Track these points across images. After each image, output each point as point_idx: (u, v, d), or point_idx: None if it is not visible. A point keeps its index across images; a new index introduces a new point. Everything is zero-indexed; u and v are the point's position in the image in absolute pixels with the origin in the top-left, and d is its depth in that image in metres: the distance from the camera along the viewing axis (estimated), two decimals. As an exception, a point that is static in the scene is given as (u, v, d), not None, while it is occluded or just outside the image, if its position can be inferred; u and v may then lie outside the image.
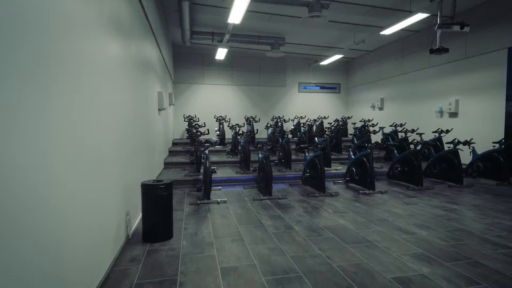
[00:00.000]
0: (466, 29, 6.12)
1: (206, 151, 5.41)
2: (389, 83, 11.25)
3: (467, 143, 6.44)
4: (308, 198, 5.31)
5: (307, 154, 6.35)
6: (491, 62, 7.38)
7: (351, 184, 6.36)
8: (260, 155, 5.90)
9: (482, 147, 6.82)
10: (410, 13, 7.36)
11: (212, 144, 6.07)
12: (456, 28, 6.11)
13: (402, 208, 4.67)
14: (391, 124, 10.00)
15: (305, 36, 10.41)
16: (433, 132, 8.12)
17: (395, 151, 6.81)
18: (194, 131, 7.65)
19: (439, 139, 7.94)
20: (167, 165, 7.65)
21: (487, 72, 7.49)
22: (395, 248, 3.17)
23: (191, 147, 8.93)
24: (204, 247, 3.21)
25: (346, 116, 12.23)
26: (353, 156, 6.40)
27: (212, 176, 5.36)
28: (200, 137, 7.28)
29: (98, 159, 2.52)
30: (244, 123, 10.28)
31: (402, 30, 8.98)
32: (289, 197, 5.39)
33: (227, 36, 9.31)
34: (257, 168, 5.95)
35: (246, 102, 13.25)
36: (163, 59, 7.93)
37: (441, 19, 6.63)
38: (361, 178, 6.00)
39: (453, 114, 8.48)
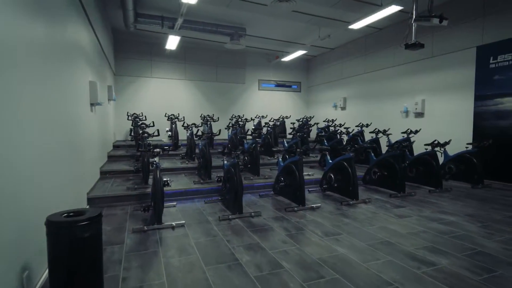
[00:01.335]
0: (445, 22, 5.71)
1: (156, 159, 4.15)
2: (352, 82, 10.89)
3: (446, 144, 6.10)
4: (286, 215, 4.34)
5: (280, 158, 5.42)
6: (459, 61, 7.21)
7: (329, 192, 5.59)
8: (225, 162, 4.79)
9: (449, 148, 6.56)
10: (381, 6, 6.89)
11: (165, 149, 4.79)
12: (435, 21, 5.66)
13: (398, 223, 3.96)
14: (357, 124, 9.58)
15: (268, 29, 9.51)
16: (402, 132, 7.78)
17: (372, 154, 6.22)
18: (140, 131, 6.25)
19: (408, 139, 7.62)
20: (105, 174, 6.11)
21: (455, 72, 7.32)
22: (426, 292, 2.34)
23: (137, 151, 7.44)
24: (154, 317, 2.04)
25: (309, 116, 11.63)
26: (330, 161, 5.63)
27: (165, 189, 4.12)
28: (147, 139, 5.93)
29: None
30: (201, 123, 9.03)
31: (366, 26, 8.56)
32: (264, 213, 4.37)
33: (179, 21, 7.98)
34: (221, 178, 4.83)
35: (201, 99, 11.94)
36: (99, 44, 6.36)
37: (415, 13, 6.20)
38: (341, 185, 5.24)
39: (419, 114, 8.27)
